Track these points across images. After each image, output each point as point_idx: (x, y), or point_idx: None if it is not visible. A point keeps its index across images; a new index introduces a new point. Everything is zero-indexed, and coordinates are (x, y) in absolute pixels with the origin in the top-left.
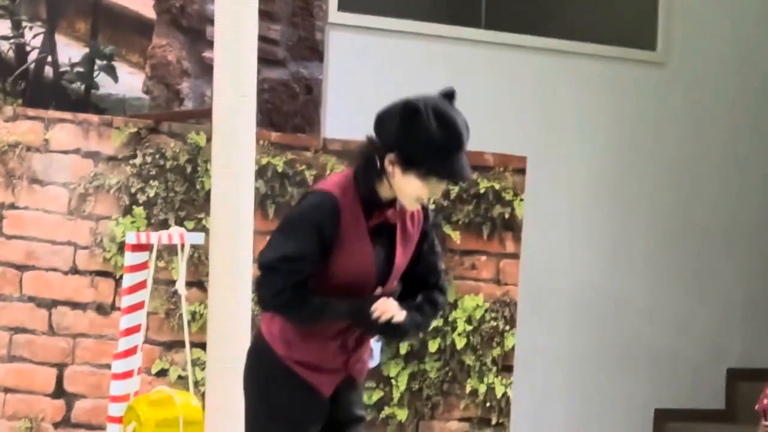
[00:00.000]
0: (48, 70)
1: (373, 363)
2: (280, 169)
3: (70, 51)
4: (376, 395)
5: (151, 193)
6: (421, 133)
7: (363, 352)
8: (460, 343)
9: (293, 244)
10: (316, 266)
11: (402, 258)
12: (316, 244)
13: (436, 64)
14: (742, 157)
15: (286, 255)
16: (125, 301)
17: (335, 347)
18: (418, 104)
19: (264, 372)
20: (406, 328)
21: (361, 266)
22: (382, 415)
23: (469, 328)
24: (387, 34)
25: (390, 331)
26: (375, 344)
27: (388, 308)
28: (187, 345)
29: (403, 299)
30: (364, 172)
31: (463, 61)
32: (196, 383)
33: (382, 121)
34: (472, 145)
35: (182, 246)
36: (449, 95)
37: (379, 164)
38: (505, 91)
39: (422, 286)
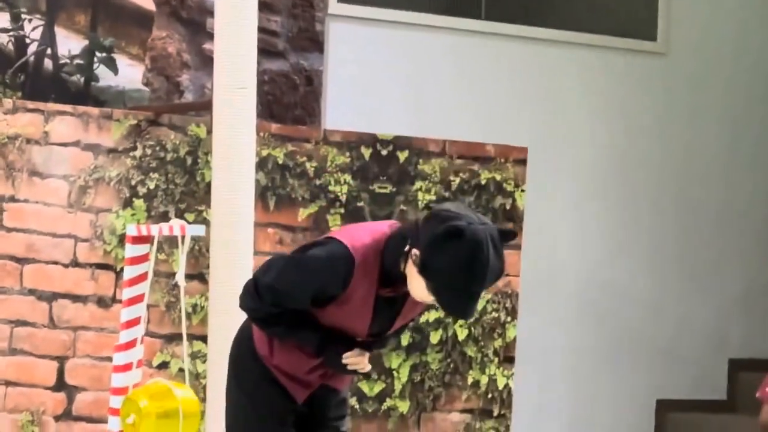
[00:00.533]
0: (47, 63)
1: None
2: (280, 161)
3: (69, 43)
4: (378, 387)
5: (152, 186)
6: (448, 258)
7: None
8: (462, 335)
9: (288, 282)
10: (302, 306)
11: (399, 324)
12: (309, 295)
13: (436, 55)
14: (744, 148)
15: (276, 288)
16: (126, 294)
17: (315, 363)
18: (464, 231)
19: (245, 364)
20: (368, 372)
21: (355, 328)
22: (384, 407)
23: (471, 319)
24: (387, 25)
25: (352, 374)
26: None
27: (359, 362)
28: (185, 337)
29: None
30: (395, 247)
31: (464, 52)
32: (197, 376)
33: (431, 218)
34: (473, 136)
35: (183, 238)
36: (507, 235)
37: (408, 248)
38: (505, 81)
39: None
